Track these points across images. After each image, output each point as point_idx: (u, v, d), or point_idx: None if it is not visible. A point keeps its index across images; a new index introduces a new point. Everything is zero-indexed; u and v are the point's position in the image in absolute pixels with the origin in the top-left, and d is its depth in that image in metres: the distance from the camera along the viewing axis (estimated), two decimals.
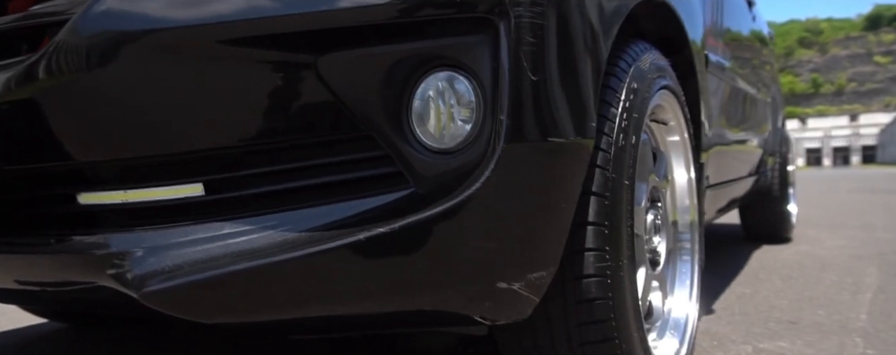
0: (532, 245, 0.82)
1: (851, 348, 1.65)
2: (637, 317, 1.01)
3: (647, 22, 1.40)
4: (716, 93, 1.83)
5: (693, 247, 1.45)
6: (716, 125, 1.81)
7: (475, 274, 0.79)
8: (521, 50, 0.76)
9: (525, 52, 0.76)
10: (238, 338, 1.84)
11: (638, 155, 1.04)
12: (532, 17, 0.77)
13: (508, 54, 0.75)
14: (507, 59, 0.75)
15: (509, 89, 0.75)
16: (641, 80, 1.09)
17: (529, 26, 0.77)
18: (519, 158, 0.77)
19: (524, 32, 0.76)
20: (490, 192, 0.76)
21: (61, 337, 2.04)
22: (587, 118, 0.86)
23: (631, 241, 1.01)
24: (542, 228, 0.82)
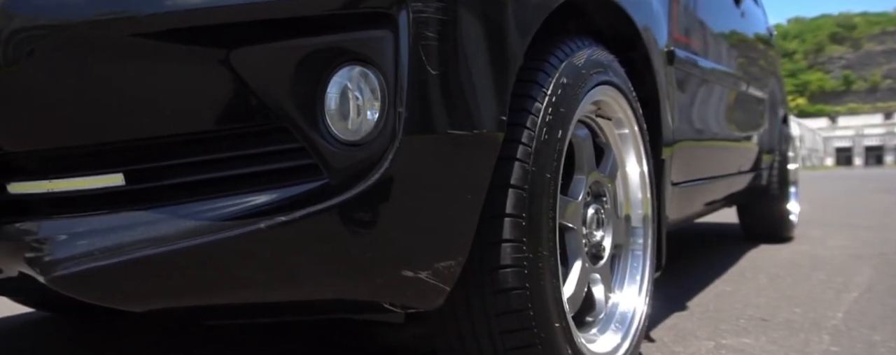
0: (437, 235, 0.86)
1: (816, 345, 1.67)
2: (559, 308, 1.04)
3: (601, 20, 1.43)
4: (686, 89, 1.85)
5: (646, 243, 1.47)
6: (684, 121, 1.83)
7: (379, 262, 0.83)
8: (419, 44, 0.79)
9: (424, 47, 0.80)
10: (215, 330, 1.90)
11: (563, 149, 1.07)
12: (431, 12, 0.80)
13: (407, 48, 0.79)
14: (407, 53, 0.79)
15: (408, 83, 0.79)
16: (573, 75, 1.12)
17: (428, 21, 0.80)
18: (419, 150, 0.81)
19: (423, 27, 0.80)
20: (390, 183, 0.79)
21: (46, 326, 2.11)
22: (495, 112, 0.89)
23: (552, 234, 1.04)
24: (446, 218, 0.86)
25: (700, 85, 1.99)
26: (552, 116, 1.04)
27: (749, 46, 2.77)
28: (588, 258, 1.28)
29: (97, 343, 1.89)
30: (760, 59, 3.11)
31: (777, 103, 3.47)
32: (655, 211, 1.51)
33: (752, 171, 3.04)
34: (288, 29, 0.82)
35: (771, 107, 3.30)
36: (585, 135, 1.25)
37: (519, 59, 0.95)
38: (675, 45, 1.75)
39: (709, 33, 2.12)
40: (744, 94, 2.63)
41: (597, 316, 1.32)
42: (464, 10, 0.85)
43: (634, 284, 1.43)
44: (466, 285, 1.00)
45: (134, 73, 0.84)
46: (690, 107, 1.89)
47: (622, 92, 1.33)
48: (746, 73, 2.66)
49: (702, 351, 1.63)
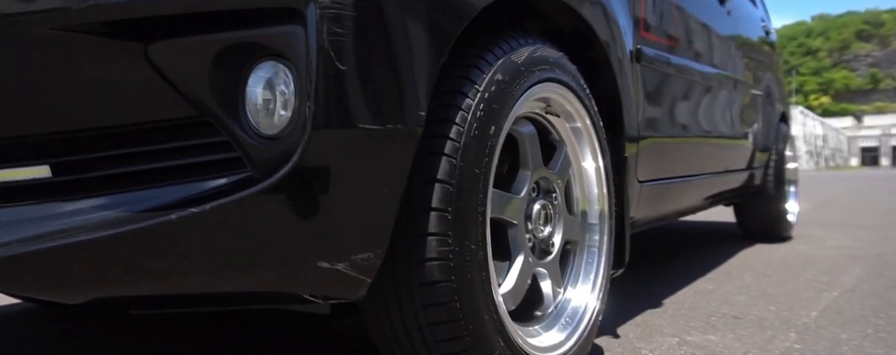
0: (352, 227, 0.88)
1: (780, 342, 1.67)
2: (489, 301, 1.06)
3: (558, 18, 1.45)
4: (656, 87, 1.86)
5: (602, 240, 1.49)
6: (654, 118, 1.84)
7: (294, 254, 0.86)
8: (327, 39, 0.82)
9: (332, 42, 0.82)
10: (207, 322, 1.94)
11: (497, 145, 1.09)
12: (340, 7, 0.83)
13: (316, 43, 0.82)
14: (315, 48, 0.82)
15: (316, 78, 0.82)
16: (511, 72, 1.14)
17: (338, 17, 0.83)
18: (330, 144, 0.83)
19: (332, 23, 0.82)
20: (299, 176, 0.82)
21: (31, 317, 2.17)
22: (412, 107, 0.92)
23: (483, 228, 1.06)
24: (361, 211, 0.88)
25: (674, 83, 1.99)
26: (484, 112, 1.06)
27: (738, 45, 2.76)
28: (533, 253, 1.30)
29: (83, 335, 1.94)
30: (753, 57, 3.10)
31: (773, 102, 3.45)
32: (613, 208, 1.52)
33: (745, 170, 3.04)
34: (203, 23, 0.85)
35: (766, 106, 3.29)
36: (530, 131, 1.27)
37: (442, 56, 0.98)
38: (643, 43, 1.76)
39: (686, 31, 2.12)
40: (732, 93, 2.63)
41: (545, 310, 1.34)
42: (376, 6, 0.88)
43: (588, 281, 1.45)
44: (396, 277, 1.02)
45: (58, 66, 0.87)
46: (662, 104, 1.90)
47: (572, 89, 1.35)
48: (735, 72, 2.66)
49: (664, 347, 1.64)
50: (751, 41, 3.06)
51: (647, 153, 1.79)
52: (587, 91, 1.42)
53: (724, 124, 2.55)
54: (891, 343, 1.66)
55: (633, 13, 1.70)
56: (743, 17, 2.86)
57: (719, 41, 2.45)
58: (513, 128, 1.25)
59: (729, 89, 2.57)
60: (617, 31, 1.54)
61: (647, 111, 1.78)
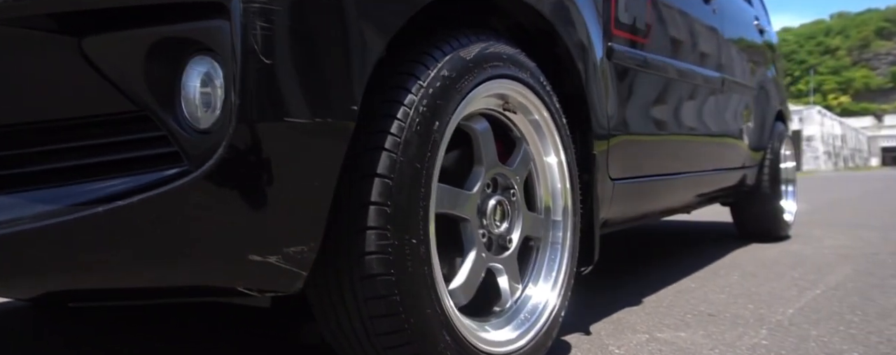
0: (282, 220, 0.90)
1: (748, 338, 1.68)
2: (432, 295, 1.08)
3: (521, 17, 1.46)
4: (630, 84, 1.87)
5: (565, 236, 1.50)
6: (627, 116, 1.84)
7: (223, 247, 0.88)
8: (251, 34, 0.84)
9: (256, 36, 0.84)
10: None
11: (441, 140, 1.11)
12: (265, 2, 0.85)
13: (240, 38, 0.84)
14: (240, 43, 0.84)
15: (240, 72, 0.84)
16: (458, 68, 1.15)
17: (262, 11, 0.85)
18: (255, 137, 0.85)
19: (255, 17, 0.84)
20: (224, 170, 0.84)
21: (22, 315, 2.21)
22: (343, 101, 0.93)
23: (425, 222, 1.08)
24: (292, 205, 0.90)
25: (649, 80, 2.00)
26: (427, 108, 1.08)
27: (727, 44, 2.76)
28: (489, 249, 1.31)
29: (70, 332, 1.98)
30: (745, 56, 3.09)
31: (768, 101, 3.44)
32: (577, 205, 1.53)
33: (737, 169, 3.03)
34: (134, 17, 0.87)
35: (760, 105, 3.28)
36: (484, 128, 1.29)
37: (377, 52, 0.99)
38: (615, 40, 1.77)
39: (664, 29, 2.13)
40: (720, 91, 2.62)
41: (503, 306, 1.36)
42: (303, 1, 0.89)
43: (550, 278, 1.46)
44: (338, 271, 1.04)
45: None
46: (635, 102, 1.91)
47: (529, 86, 1.36)
48: (722, 71, 2.65)
49: (632, 343, 1.65)
50: (742, 40, 3.06)
51: (619, 151, 1.79)
52: (548, 88, 1.43)
53: (711, 122, 2.55)
54: (860, 339, 1.66)
55: (603, 11, 1.71)
56: (732, 16, 2.86)
57: (703, 39, 2.45)
58: (466, 124, 1.27)
59: (715, 88, 2.57)
60: (582, 29, 1.55)
61: (618, 108, 1.79)
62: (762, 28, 3.44)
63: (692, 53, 2.34)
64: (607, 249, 3.50)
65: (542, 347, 1.38)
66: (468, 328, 1.19)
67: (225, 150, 0.83)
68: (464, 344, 1.15)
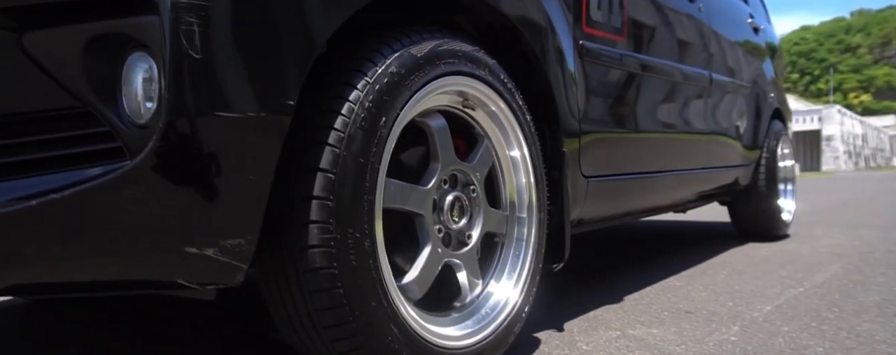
0: (216, 213, 0.92)
1: (718, 335, 1.68)
2: (377, 288, 1.10)
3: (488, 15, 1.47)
4: (605, 82, 1.88)
5: (530, 233, 1.51)
6: (601, 113, 1.85)
7: (159, 240, 0.90)
8: (180, 30, 0.86)
9: (186, 32, 0.86)
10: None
11: (388, 136, 1.13)
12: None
13: (169, 33, 0.86)
14: (169, 39, 0.86)
15: (170, 67, 0.86)
16: (408, 65, 1.17)
17: (190, 7, 0.87)
18: (185, 132, 0.87)
19: (184, 13, 0.86)
20: (157, 163, 0.86)
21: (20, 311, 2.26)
22: (276, 96, 0.95)
23: (370, 216, 1.09)
24: (226, 198, 0.92)
25: (627, 78, 2.01)
26: (373, 104, 1.10)
27: (717, 42, 2.75)
28: (447, 244, 1.33)
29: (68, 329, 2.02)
30: (738, 54, 3.08)
31: (764, 99, 3.42)
32: (543, 202, 1.54)
33: (730, 167, 3.02)
34: (71, 13, 0.89)
35: (753, 103, 3.27)
36: (440, 124, 1.30)
37: (314, 49, 1.01)
38: (586, 39, 1.78)
39: (643, 27, 2.13)
40: (708, 89, 2.62)
41: (463, 302, 1.37)
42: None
43: (513, 275, 1.47)
44: (285, 265, 1.06)
45: None
46: (611, 99, 1.92)
47: (488, 83, 1.37)
48: (710, 68, 2.65)
49: (602, 340, 1.65)
50: (734, 38, 3.05)
51: (592, 148, 1.80)
52: (509, 85, 1.44)
53: (698, 120, 2.55)
54: (829, 335, 1.65)
55: (573, 10, 1.72)
56: (722, 14, 2.85)
57: (689, 37, 2.45)
58: (421, 120, 1.28)
59: (703, 86, 2.56)
60: (547, 28, 1.56)
61: (591, 106, 1.79)
62: (757, 26, 3.42)
63: (675, 51, 2.34)
64: (599, 248, 3.51)
65: (504, 343, 1.40)
66: (420, 322, 1.20)
67: (155, 144, 0.86)
68: (413, 338, 1.16)
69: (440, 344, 1.23)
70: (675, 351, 1.55)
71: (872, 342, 1.60)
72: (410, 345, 1.16)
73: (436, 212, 1.31)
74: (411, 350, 1.16)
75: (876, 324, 1.76)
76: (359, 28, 1.22)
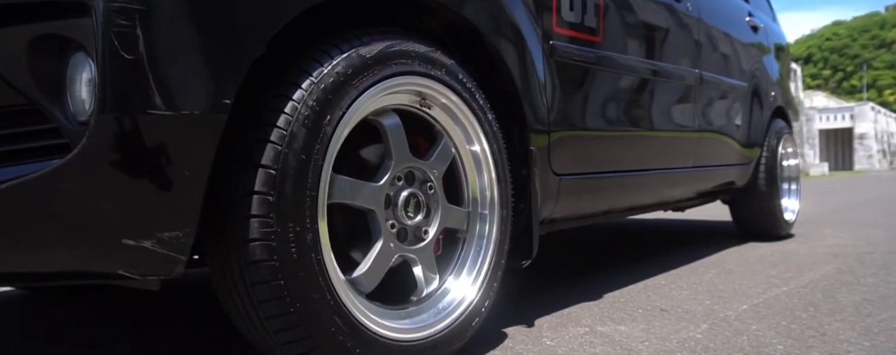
0: (151, 207, 0.97)
1: (685, 332, 1.70)
2: (319, 280, 1.14)
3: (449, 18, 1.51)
4: (576, 81, 1.90)
5: (491, 230, 1.54)
6: (572, 112, 1.87)
7: (95, 232, 0.95)
8: (112, 31, 0.91)
9: (117, 34, 0.91)
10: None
11: (333, 134, 1.17)
12: (124, 2, 0.92)
13: (102, 34, 0.91)
14: (101, 40, 0.91)
15: (102, 66, 0.91)
16: (355, 65, 1.21)
17: (123, 10, 0.91)
18: (116, 128, 0.92)
19: (117, 15, 0.91)
20: (90, 159, 0.92)
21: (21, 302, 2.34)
22: (212, 95, 1.00)
23: (313, 210, 1.14)
24: (160, 192, 0.97)
25: (603, 77, 2.02)
26: (317, 103, 1.14)
27: (709, 41, 2.75)
28: (403, 239, 1.37)
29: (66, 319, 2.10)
30: (734, 53, 3.07)
31: (764, 97, 3.41)
32: (505, 199, 1.57)
33: (726, 166, 3.02)
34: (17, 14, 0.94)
35: (752, 102, 3.26)
36: (393, 123, 1.34)
37: (252, 50, 1.05)
38: (557, 39, 1.80)
39: (625, 27, 2.15)
40: (698, 88, 2.62)
41: (419, 296, 1.41)
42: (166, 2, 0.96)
43: (473, 272, 1.50)
44: (230, 257, 1.11)
45: None
46: (586, 98, 1.94)
47: (445, 83, 1.41)
48: (702, 67, 2.65)
49: (568, 336, 1.68)
50: (730, 37, 3.04)
51: (564, 146, 1.83)
52: (468, 84, 1.47)
53: (686, 119, 2.55)
54: (795, 334, 1.66)
55: (542, 11, 1.75)
56: (716, 13, 2.85)
57: (675, 36, 2.46)
58: (375, 119, 1.32)
59: (691, 84, 2.57)
60: (510, 28, 1.59)
61: (562, 105, 1.82)
62: (756, 25, 3.41)
63: (658, 51, 2.35)
64: (595, 246, 3.53)
65: (460, 336, 1.43)
66: (368, 313, 1.24)
67: (87, 141, 0.91)
68: (358, 329, 1.20)
69: (390, 337, 1.27)
70: (637, 347, 1.58)
71: (836, 341, 1.61)
72: (356, 336, 1.20)
73: (390, 208, 1.34)
74: (357, 341, 1.20)
75: (846, 324, 1.76)
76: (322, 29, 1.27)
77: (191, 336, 1.78)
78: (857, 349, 1.55)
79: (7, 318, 2.13)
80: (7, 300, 2.43)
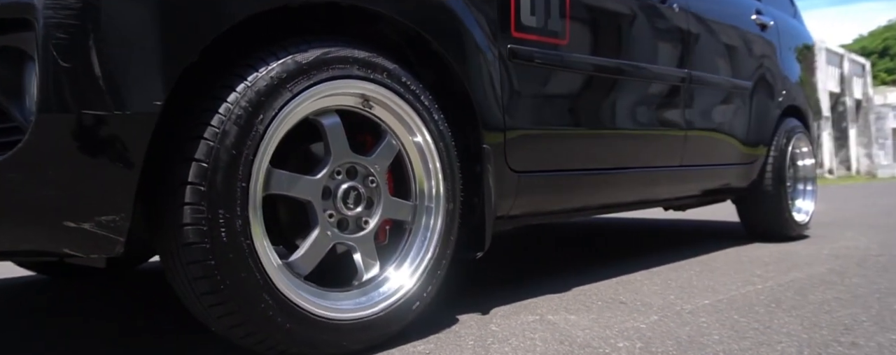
0: (88, 194, 1.14)
1: (632, 323, 1.80)
2: (248, 261, 1.29)
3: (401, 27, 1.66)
4: (536, 82, 2.02)
5: (436, 222, 1.68)
6: (531, 111, 1.99)
7: (40, 215, 1.13)
8: (51, 43, 1.09)
9: (55, 45, 1.09)
10: None
11: (265, 132, 1.33)
12: (62, 18, 1.09)
13: (41, 46, 1.09)
14: (42, 50, 1.09)
15: (41, 73, 1.09)
16: (291, 70, 1.36)
17: (58, 26, 1.09)
18: (57, 125, 1.10)
19: (54, 30, 1.09)
20: (31, 152, 1.09)
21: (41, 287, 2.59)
22: (142, 97, 1.16)
23: (243, 199, 1.30)
24: (96, 181, 1.14)
25: (570, 78, 2.14)
26: (249, 104, 1.30)
27: (700, 40, 2.82)
28: (343, 228, 1.52)
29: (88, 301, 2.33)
30: (732, 52, 3.12)
31: (772, 96, 3.44)
32: (451, 193, 1.71)
33: (723, 166, 3.08)
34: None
35: (756, 100, 3.29)
36: (332, 122, 1.49)
37: (185, 58, 1.22)
38: (516, 43, 1.93)
39: (598, 30, 2.26)
40: (685, 87, 2.70)
41: (359, 280, 1.56)
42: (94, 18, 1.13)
43: (415, 262, 1.65)
44: (169, 239, 1.28)
45: None
46: (547, 98, 2.05)
47: (386, 85, 1.55)
48: (694, 67, 2.72)
49: (516, 323, 1.80)
50: (728, 36, 3.10)
51: (522, 144, 1.95)
52: (412, 86, 1.61)
53: (672, 118, 2.63)
54: (739, 327, 1.74)
55: (496, 17, 1.87)
56: (709, 11, 2.91)
57: (655, 37, 2.54)
58: (315, 119, 1.48)
59: (675, 83, 2.65)
60: (460, 34, 1.72)
61: (521, 105, 1.94)
62: (765, 23, 3.44)
63: (637, 51, 2.44)
64: (589, 243, 3.62)
65: (398, 320, 1.57)
66: (299, 292, 1.40)
67: (30, 136, 1.09)
68: (288, 306, 1.36)
69: (323, 314, 1.43)
70: (577, 334, 1.69)
71: (774, 333, 1.68)
72: (286, 312, 1.35)
73: (329, 199, 1.50)
74: (287, 316, 1.36)
75: (797, 319, 1.83)
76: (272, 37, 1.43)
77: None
78: (791, 340, 1.63)
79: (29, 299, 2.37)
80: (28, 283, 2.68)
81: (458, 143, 1.79)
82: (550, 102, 2.07)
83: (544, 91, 2.05)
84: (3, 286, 2.73)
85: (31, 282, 2.77)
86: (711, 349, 1.55)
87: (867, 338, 1.64)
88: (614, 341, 1.63)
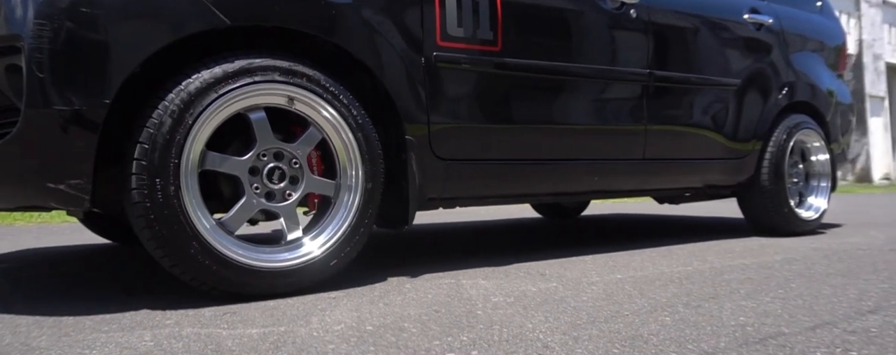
0: (62, 164, 1.74)
1: (529, 287, 2.24)
2: (180, 217, 1.86)
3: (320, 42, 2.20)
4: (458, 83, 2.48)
5: (354, 198, 2.21)
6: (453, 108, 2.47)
7: (31, 178, 1.75)
8: (32, 59, 1.70)
9: (34, 61, 1.69)
10: None
11: (194, 123, 1.90)
12: (39, 44, 1.70)
13: (26, 62, 1.71)
14: (25, 67, 1.71)
15: (26, 81, 1.71)
16: (218, 76, 1.93)
17: (37, 49, 1.69)
18: (39, 116, 1.71)
19: (34, 51, 1.69)
20: (23, 133, 1.72)
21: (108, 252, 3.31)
22: (96, 97, 1.75)
23: (176, 171, 1.87)
24: (65, 155, 1.74)
25: (498, 79, 2.59)
26: (182, 102, 1.88)
27: (666, 42, 3.19)
28: (268, 198, 2.08)
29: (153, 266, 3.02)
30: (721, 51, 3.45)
31: (767, 92, 3.69)
32: (369, 175, 2.23)
33: (702, 160, 3.40)
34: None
35: (745, 96, 3.56)
36: (258, 117, 2.05)
37: (128, 68, 1.81)
38: (442, 50, 2.42)
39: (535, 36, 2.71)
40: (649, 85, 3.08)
41: (285, 240, 2.12)
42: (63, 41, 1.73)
43: (335, 228, 2.18)
44: (126, 201, 1.89)
45: None
46: (472, 96, 2.54)
47: (306, 88, 2.10)
48: (654, 66, 3.11)
49: (430, 284, 2.27)
50: (709, 37, 3.43)
51: (447, 136, 2.43)
52: (332, 88, 2.15)
53: (626, 114, 3.03)
54: (620, 297, 2.15)
55: (421, 30, 2.37)
56: (677, 16, 3.28)
57: (610, 41, 2.96)
58: (245, 113, 2.05)
59: (634, 81, 3.04)
60: (380, 47, 2.24)
61: (445, 102, 2.44)
62: (760, 22, 3.72)
63: (586, 54, 2.87)
64: (583, 234, 3.91)
65: (313, 273, 2.10)
66: (224, 243, 1.96)
67: (20, 123, 1.72)
68: (213, 252, 1.92)
69: (245, 262, 1.98)
70: (470, 292, 2.15)
71: (647, 301, 2.06)
72: (212, 257, 1.92)
73: (257, 176, 2.06)
74: (213, 260, 1.92)
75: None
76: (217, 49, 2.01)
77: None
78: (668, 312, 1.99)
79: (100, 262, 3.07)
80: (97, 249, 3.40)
81: (394, 134, 2.31)
82: (479, 100, 2.55)
83: (471, 91, 2.54)
84: (82, 250, 3.47)
85: (102, 248, 3.51)
86: (569, 304, 1.93)
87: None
88: (493, 297, 2.07)
